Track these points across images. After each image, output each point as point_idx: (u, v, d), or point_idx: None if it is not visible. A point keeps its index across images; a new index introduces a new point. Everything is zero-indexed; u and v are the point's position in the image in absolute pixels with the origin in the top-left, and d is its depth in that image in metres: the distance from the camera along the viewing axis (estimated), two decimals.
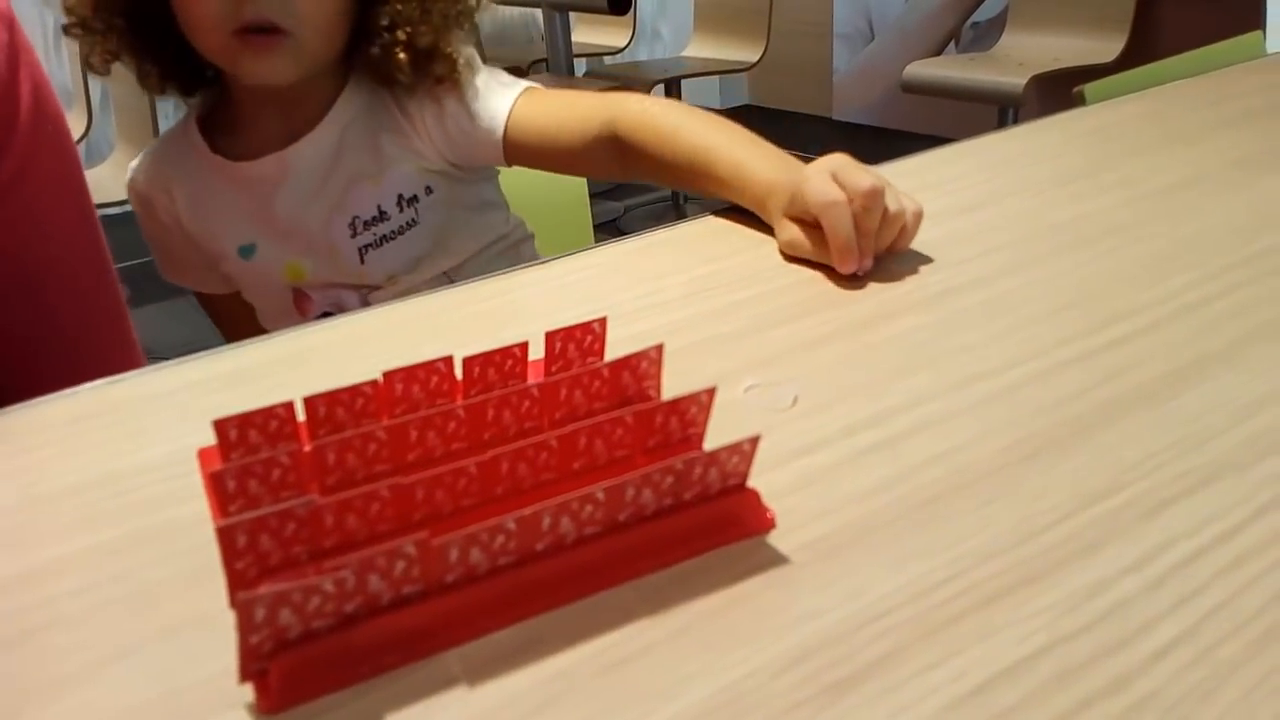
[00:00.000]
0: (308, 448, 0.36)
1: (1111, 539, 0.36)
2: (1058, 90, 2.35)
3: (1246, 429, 0.42)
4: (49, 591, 0.36)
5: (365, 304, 0.82)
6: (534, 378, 0.41)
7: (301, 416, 0.38)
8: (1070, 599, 0.33)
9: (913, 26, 3.29)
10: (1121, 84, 1.03)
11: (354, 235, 0.81)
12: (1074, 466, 0.40)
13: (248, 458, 0.35)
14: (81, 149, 2.54)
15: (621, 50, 3.16)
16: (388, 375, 0.39)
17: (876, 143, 3.37)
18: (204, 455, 0.41)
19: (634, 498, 0.34)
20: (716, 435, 0.42)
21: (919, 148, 0.83)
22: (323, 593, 0.29)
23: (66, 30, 0.77)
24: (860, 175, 0.57)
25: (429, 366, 0.40)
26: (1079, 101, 1.00)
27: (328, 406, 0.38)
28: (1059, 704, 0.29)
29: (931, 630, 0.32)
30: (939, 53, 3.20)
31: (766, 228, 0.68)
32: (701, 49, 3.16)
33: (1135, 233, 0.63)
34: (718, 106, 3.80)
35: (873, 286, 0.57)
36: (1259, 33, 1.28)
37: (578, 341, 0.43)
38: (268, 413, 0.37)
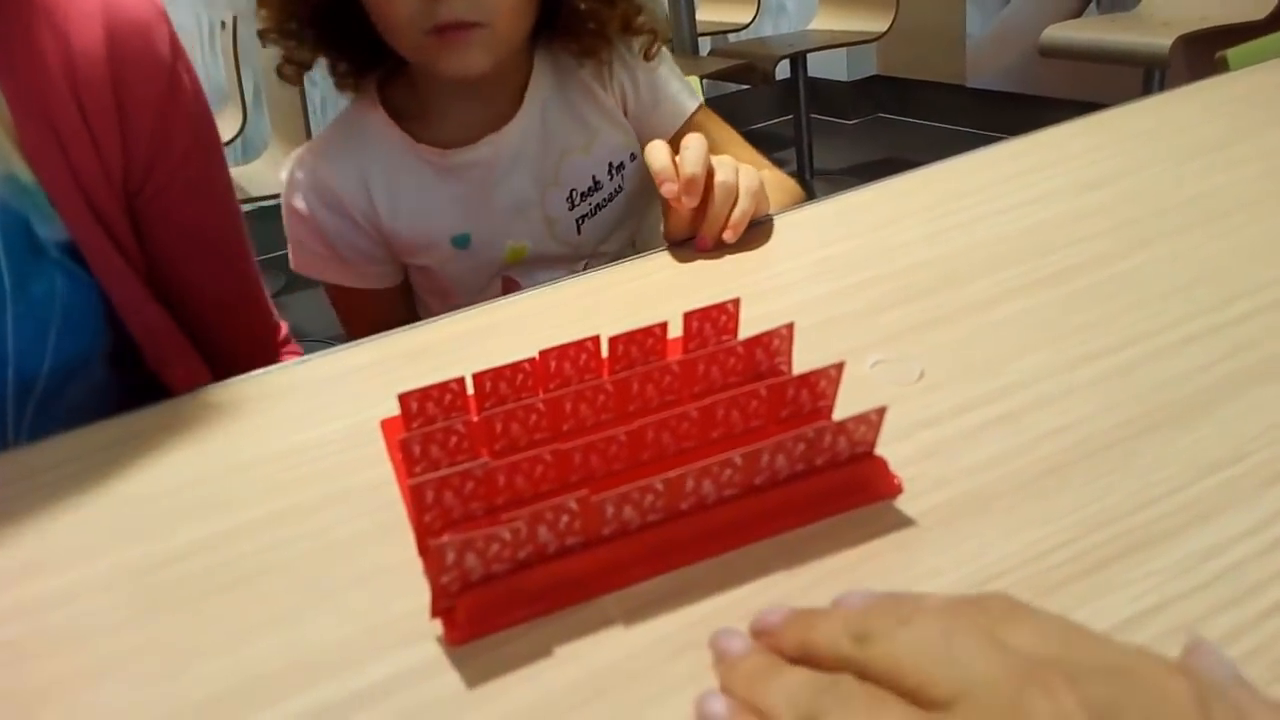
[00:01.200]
0: (476, 418, 0.41)
1: (1228, 507, 0.37)
2: (1206, 50, 2.24)
3: None
4: (253, 544, 0.42)
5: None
6: (672, 355, 0.45)
7: (470, 390, 0.43)
8: (1183, 562, 0.35)
9: None
10: (1267, 48, 1.00)
11: (572, 208, 0.83)
12: (1194, 440, 0.41)
13: (428, 426, 0.40)
14: (238, 145, 2.70)
15: (746, 26, 3.16)
16: (543, 354, 0.44)
17: (1013, 109, 3.27)
18: (386, 425, 0.47)
19: (769, 463, 0.38)
20: (845, 407, 0.45)
21: (1057, 113, 0.83)
22: (501, 540, 0.34)
23: (262, 36, 0.79)
24: (690, 152, 0.66)
25: (579, 345, 0.45)
26: (1221, 68, 0.98)
27: (493, 381, 0.43)
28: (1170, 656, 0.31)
29: (1046, 590, 0.34)
30: (1079, 14, 3.07)
31: (886, 210, 0.69)
32: (827, 21, 3.13)
33: (1269, 206, 0.63)
34: (844, 79, 3.75)
35: (994, 265, 0.58)
36: None
37: (713, 320, 0.47)
38: (443, 387, 0.43)
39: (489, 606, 0.35)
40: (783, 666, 0.30)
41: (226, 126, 2.45)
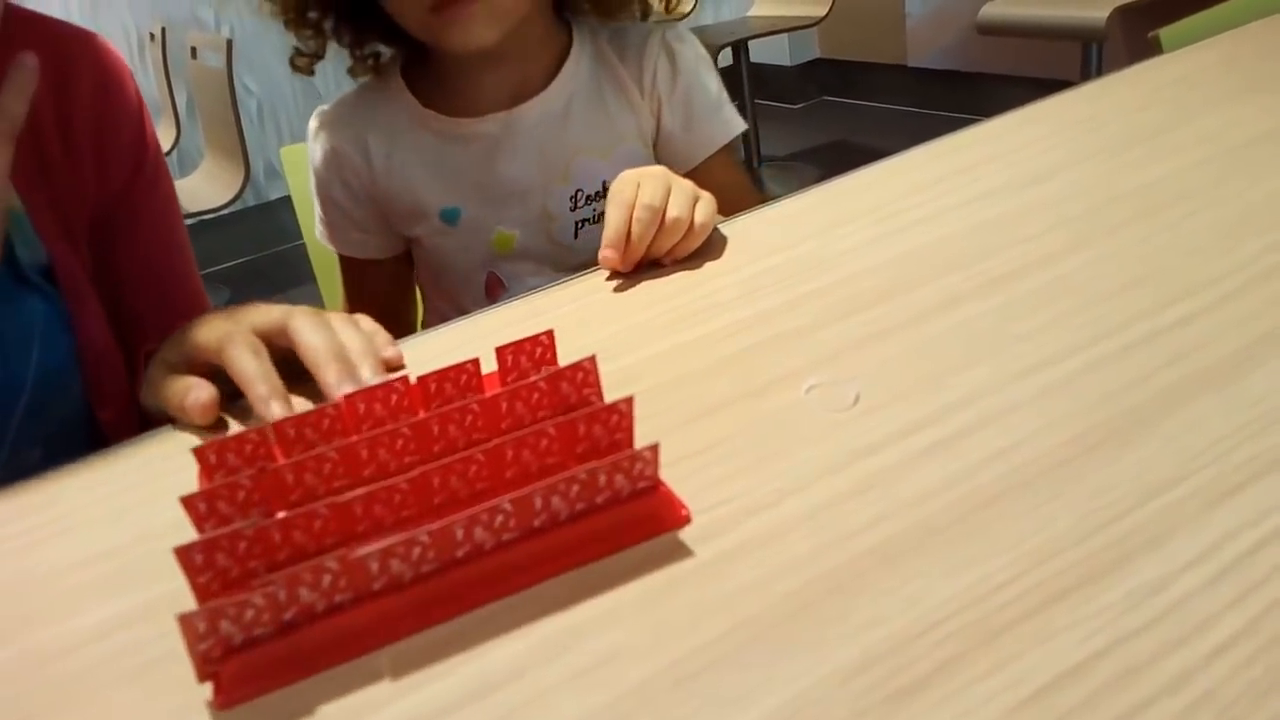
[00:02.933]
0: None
1: (1174, 532, 0.36)
2: (1142, 23, 2.25)
3: None
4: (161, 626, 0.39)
5: None
6: (490, 391, 0.44)
7: (274, 440, 0.42)
8: (1130, 597, 0.33)
9: None
10: (1198, 26, 1.00)
11: (574, 209, 0.80)
12: (1137, 458, 0.40)
13: (216, 482, 0.39)
14: (174, 159, 2.64)
15: (687, 15, 3.14)
16: (349, 398, 0.43)
17: (955, 87, 3.28)
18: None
19: (543, 505, 0.37)
20: (780, 436, 0.44)
21: (998, 89, 0.83)
22: (255, 605, 0.33)
23: (287, 24, 0.79)
24: (649, 188, 0.61)
25: (388, 386, 0.44)
26: (1155, 48, 0.97)
27: (296, 429, 0.43)
28: (1119, 705, 0.30)
29: (992, 635, 0.33)
30: None
31: (827, 214, 0.68)
32: (767, 7, 3.12)
33: (1210, 195, 0.62)
34: (787, 63, 3.75)
35: (934, 272, 0.57)
36: None
37: (528, 353, 0.46)
38: (241, 438, 0.42)
39: (252, 670, 0.34)
40: None
41: (161, 140, 2.40)
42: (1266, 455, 0.39)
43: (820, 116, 3.69)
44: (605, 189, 0.79)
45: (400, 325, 0.88)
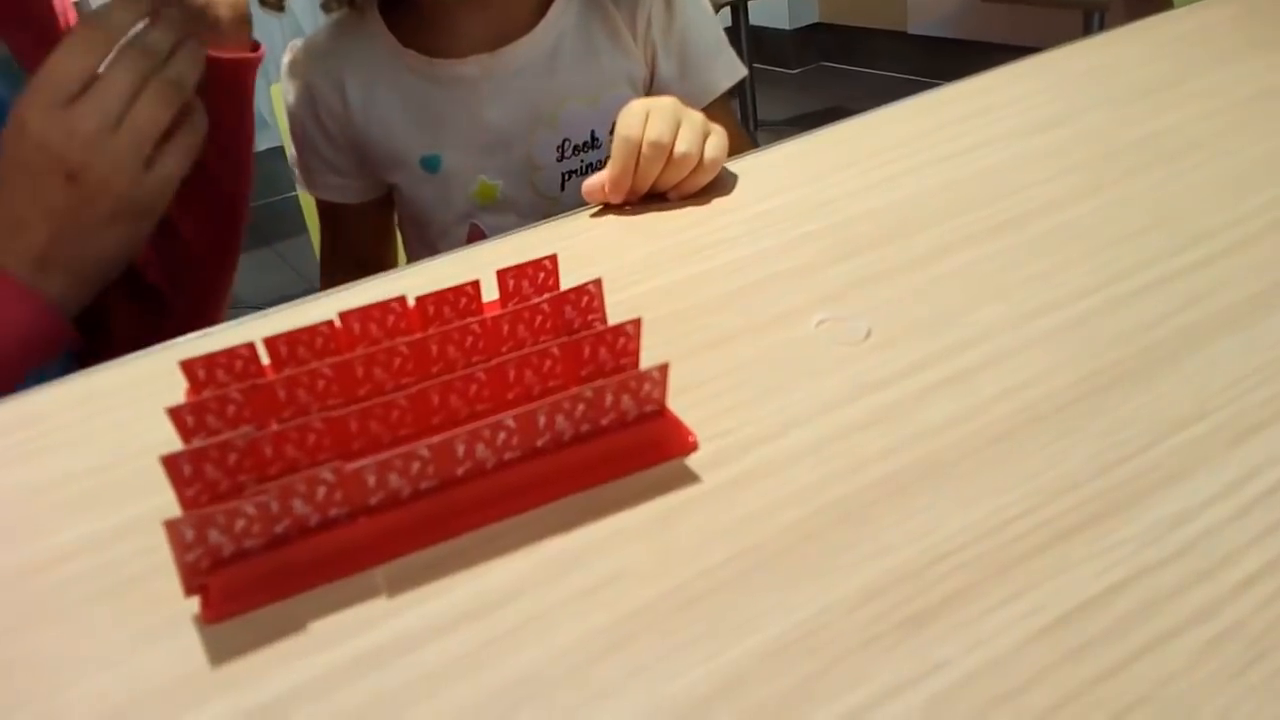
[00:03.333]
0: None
1: (1195, 468, 0.35)
2: None
3: None
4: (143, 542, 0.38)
5: None
6: (488, 314, 0.42)
7: (265, 357, 0.41)
8: (1152, 530, 0.32)
9: None
10: None
11: (561, 159, 0.77)
12: (1154, 396, 0.39)
13: (204, 395, 0.37)
14: None
15: None
16: (344, 315, 0.41)
17: (954, 55, 3.24)
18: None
19: (547, 424, 0.36)
20: (789, 369, 0.43)
21: (998, 59, 0.80)
22: (246, 515, 0.32)
23: None
24: (658, 122, 0.59)
25: (384, 306, 0.42)
26: (1165, 5, 0.95)
27: (288, 346, 0.41)
28: (1142, 635, 0.29)
29: (1006, 566, 0.32)
30: None
31: (828, 159, 0.67)
32: None
33: (1218, 146, 0.61)
34: (786, 27, 3.70)
35: (940, 215, 0.56)
36: None
37: (530, 278, 0.45)
38: (231, 353, 0.40)
39: (242, 583, 0.33)
40: None
41: None
42: None
43: (818, 82, 3.66)
44: (594, 139, 0.77)
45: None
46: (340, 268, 0.84)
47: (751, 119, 2.96)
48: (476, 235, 0.79)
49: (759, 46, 3.29)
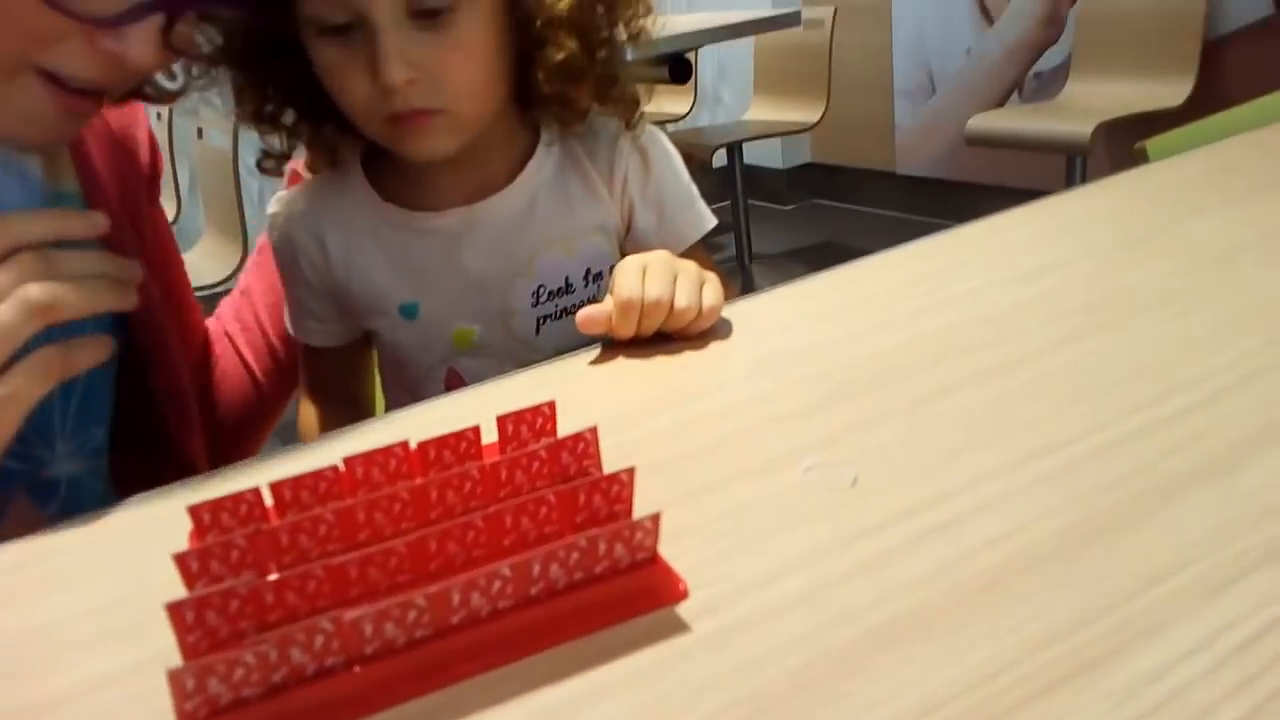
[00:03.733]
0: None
1: (1173, 620, 0.36)
2: (1126, 136, 2.33)
3: None
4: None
5: None
6: (491, 459, 0.44)
7: (270, 501, 0.42)
8: (1130, 685, 0.33)
9: (975, 79, 3.29)
10: (1185, 139, 1.03)
11: (536, 304, 0.79)
12: (1136, 546, 0.40)
13: (209, 540, 0.38)
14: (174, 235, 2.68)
15: (684, 117, 3.22)
16: (348, 461, 0.43)
17: (941, 196, 3.35)
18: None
19: (541, 573, 0.37)
20: (779, 516, 0.44)
21: (985, 199, 0.84)
22: (246, 664, 0.32)
23: (246, 119, 0.78)
24: (656, 280, 0.63)
25: (387, 451, 0.43)
26: (1141, 158, 1.00)
27: (293, 491, 0.42)
28: None
29: (995, 718, 0.32)
30: (1002, 104, 3.19)
31: (824, 303, 0.69)
32: (762, 111, 3.21)
33: (1198, 297, 0.63)
34: (780, 166, 3.83)
35: (929, 361, 0.58)
36: None
37: (529, 423, 0.46)
38: (237, 498, 0.41)
39: None
40: None
41: None
42: (1264, 546, 0.39)
43: (810, 218, 3.76)
44: (569, 284, 0.80)
45: (359, 409, 0.88)
46: (319, 403, 0.86)
47: (746, 252, 3.04)
48: (455, 379, 0.81)
49: (753, 184, 3.40)
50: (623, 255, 0.80)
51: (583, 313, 0.64)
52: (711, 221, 0.84)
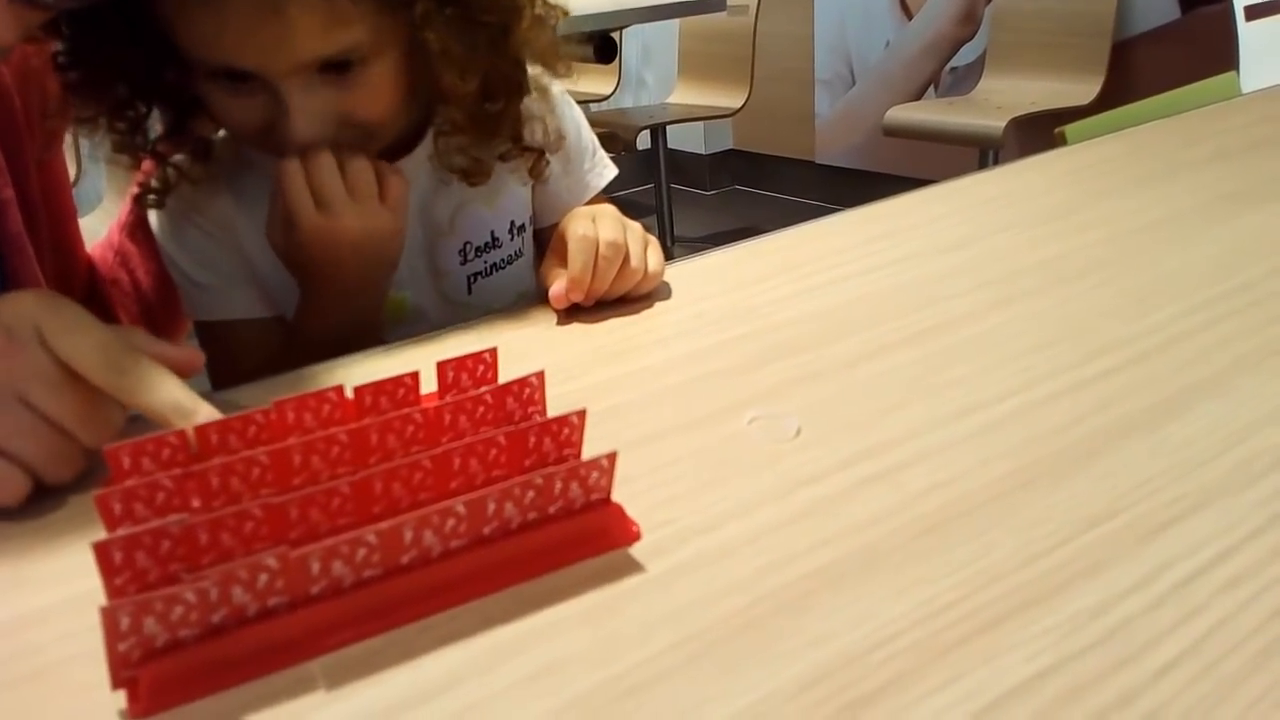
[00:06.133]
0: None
1: (1112, 561, 0.37)
2: (1036, 132, 2.39)
3: (1236, 455, 0.43)
4: None
5: None
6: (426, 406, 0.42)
7: (194, 445, 0.40)
8: (1074, 619, 0.34)
9: (893, 72, 3.34)
10: (1101, 125, 1.06)
11: (464, 262, 0.76)
12: (1070, 493, 0.41)
13: (132, 481, 0.36)
14: (74, 198, 2.57)
15: (608, 97, 3.20)
16: (279, 404, 0.41)
17: (858, 185, 3.41)
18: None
19: (496, 511, 0.36)
20: (724, 464, 0.44)
21: (901, 189, 0.85)
22: (185, 602, 0.31)
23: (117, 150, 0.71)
24: (610, 225, 0.63)
25: (320, 395, 0.42)
26: (1060, 142, 1.03)
27: (220, 434, 0.40)
28: (1071, 719, 0.30)
29: (940, 653, 0.33)
30: (919, 97, 3.25)
31: (752, 269, 0.69)
32: (686, 96, 3.21)
33: (1118, 268, 0.65)
34: (703, 151, 3.84)
35: (863, 323, 0.58)
36: (1233, 74, 1.31)
37: (470, 370, 0.45)
38: (160, 440, 0.39)
39: (175, 676, 0.32)
40: None
41: None
42: (1193, 495, 0.40)
43: (731, 203, 3.79)
44: (495, 239, 0.77)
45: None
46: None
47: (669, 235, 3.04)
48: None
49: (676, 169, 3.41)
50: (534, 205, 0.79)
51: (552, 292, 0.62)
52: (614, 171, 0.83)
